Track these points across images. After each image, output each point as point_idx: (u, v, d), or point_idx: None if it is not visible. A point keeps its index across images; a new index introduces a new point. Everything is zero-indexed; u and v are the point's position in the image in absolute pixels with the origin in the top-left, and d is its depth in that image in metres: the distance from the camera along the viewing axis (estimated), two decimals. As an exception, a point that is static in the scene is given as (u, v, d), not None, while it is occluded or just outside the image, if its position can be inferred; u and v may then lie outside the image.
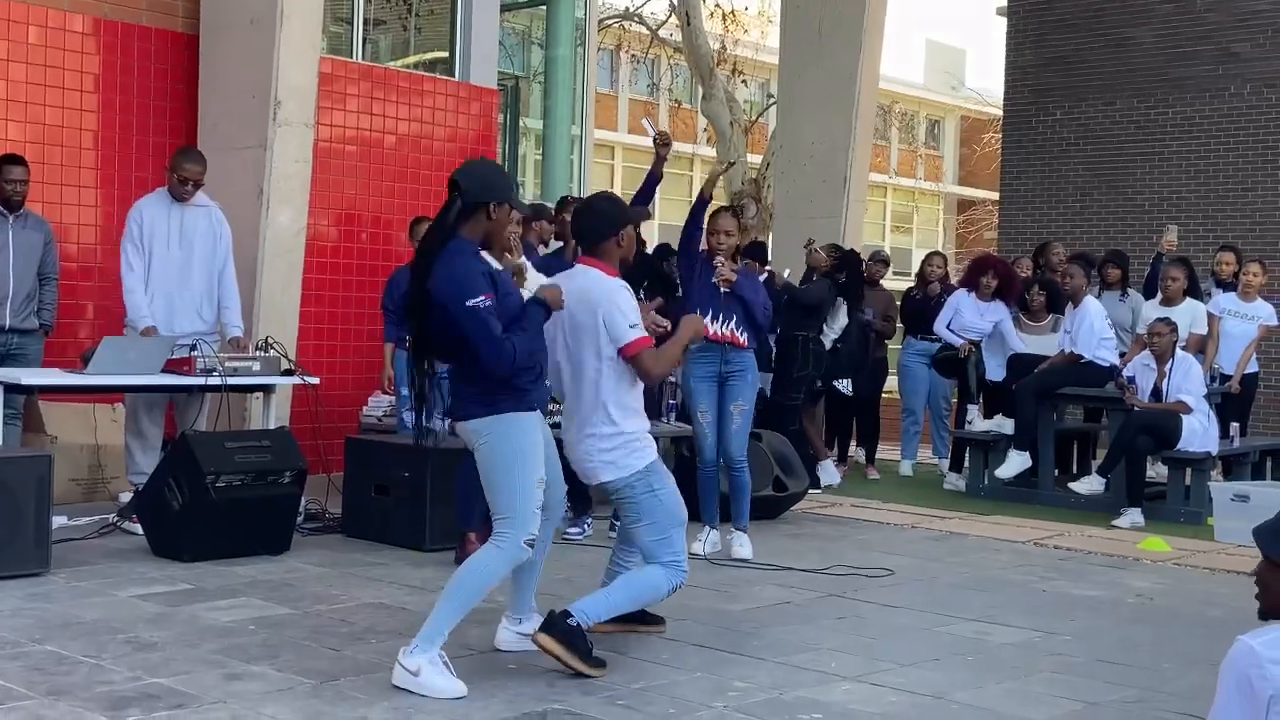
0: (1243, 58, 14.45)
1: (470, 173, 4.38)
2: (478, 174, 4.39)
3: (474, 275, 4.22)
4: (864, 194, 12.08)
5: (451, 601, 4.27)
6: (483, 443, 4.32)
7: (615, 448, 4.60)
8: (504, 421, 4.29)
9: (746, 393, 6.79)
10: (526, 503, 4.31)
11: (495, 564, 4.31)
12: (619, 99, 35.87)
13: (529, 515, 4.31)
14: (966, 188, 42.57)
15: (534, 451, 4.34)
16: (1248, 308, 9.63)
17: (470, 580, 4.29)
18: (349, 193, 9.15)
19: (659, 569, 4.61)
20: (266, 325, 7.65)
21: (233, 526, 6.16)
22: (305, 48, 8.08)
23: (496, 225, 4.39)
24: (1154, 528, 8.11)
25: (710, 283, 6.76)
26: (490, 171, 4.47)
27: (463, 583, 4.28)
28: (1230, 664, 2.66)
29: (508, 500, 4.31)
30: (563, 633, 4.41)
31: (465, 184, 4.31)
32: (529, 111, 12.99)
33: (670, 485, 4.68)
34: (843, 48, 11.58)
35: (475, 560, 4.34)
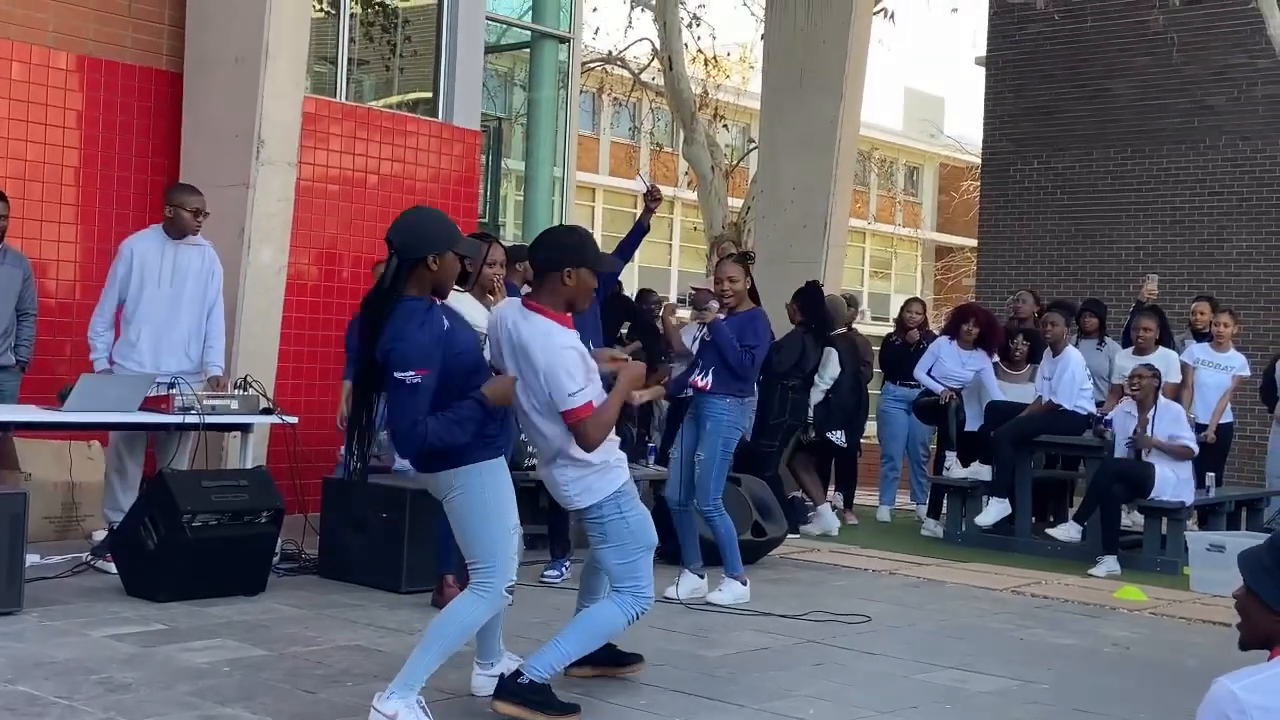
0: (1218, 110, 14.63)
1: (403, 228, 4.22)
2: (411, 228, 4.22)
3: (417, 345, 4.07)
4: (844, 239, 12.14)
5: (430, 648, 4.22)
6: (455, 494, 4.26)
7: (585, 475, 4.54)
8: (474, 472, 4.24)
9: (708, 442, 6.71)
10: (505, 549, 4.27)
11: (476, 612, 4.28)
12: (600, 141, 36.03)
13: (507, 562, 4.28)
14: (945, 234, 42.85)
15: (507, 498, 4.31)
16: (1221, 358, 9.70)
17: (450, 628, 4.25)
18: (330, 232, 9.16)
19: (612, 603, 4.55)
20: (246, 364, 7.62)
21: (208, 566, 6.11)
22: (289, 86, 8.10)
23: (442, 275, 4.22)
24: (1130, 577, 8.13)
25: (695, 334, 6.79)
26: (424, 222, 4.26)
27: (443, 630, 4.24)
28: (1209, 705, 2.66)
29: (487, 548, 4.26)
30: (515, 693, 4.36)
31: (399, 240, 4.17)
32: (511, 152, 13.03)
33: (640, 510, 4.63)
34: (824, 94, 11.68)
35: (455, 607, 4.30)
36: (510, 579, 4.29)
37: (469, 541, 4.30)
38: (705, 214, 19.67)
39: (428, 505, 6.46)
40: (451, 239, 4.25)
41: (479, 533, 4.26)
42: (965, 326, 9.71)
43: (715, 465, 6.75)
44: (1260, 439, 11.66)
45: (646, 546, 4.60)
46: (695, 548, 6.87)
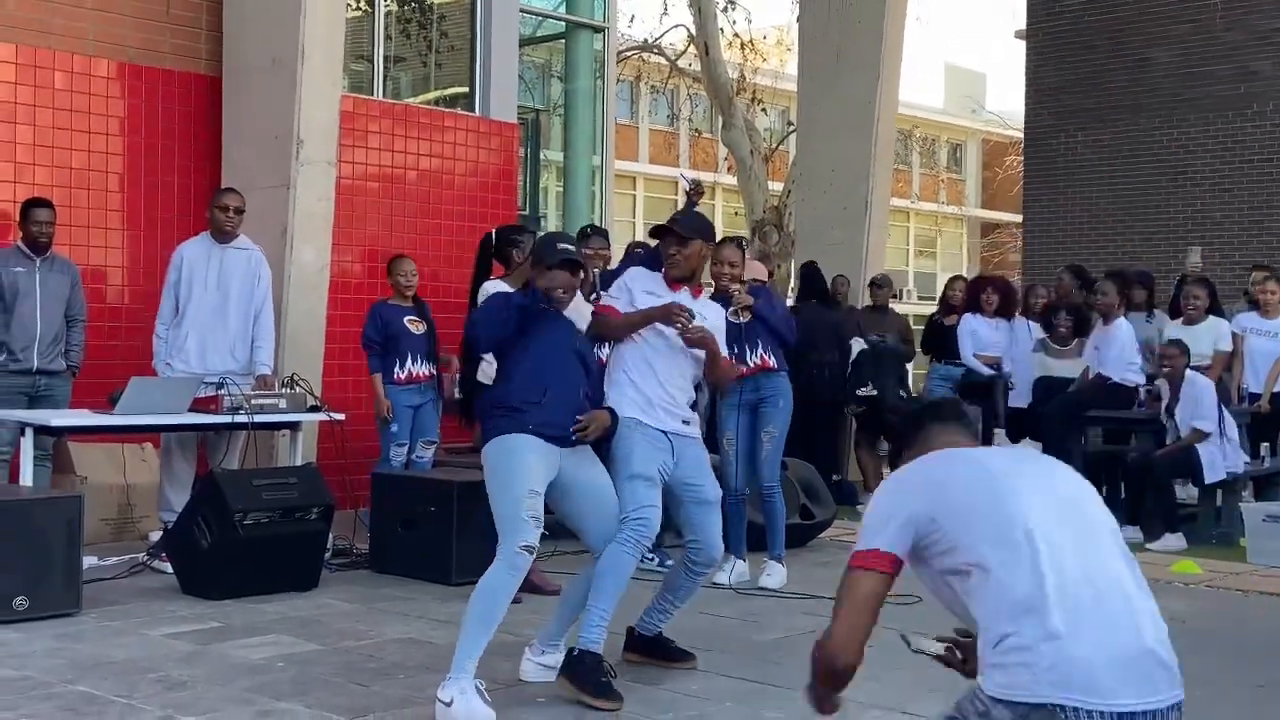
0: (1263, 76, 14.41)
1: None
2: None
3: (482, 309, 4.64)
4: (885, 219, 12.08)
5: (471, 627, 4.33)
6: (486, 465, 4.54)
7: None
8: (497, 444, 4.49)
9: (779, 419, 6.78)
10: (515, 512, 4.38)
11: (498, 574, 4.38)
12: (639, 129, 36.00)
13: (518, 523, 4.37)
14: (990, 211, 42.52)
15: (520, 467, 4.44)
16: (1270, 324, 9.57)
17: (482, 602, 4.35)
18: (371, 230, 9.21)
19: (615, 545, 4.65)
20: (292, 362, 7.69)
21: (261, 563, 6.17)
22: (326, 86, 8.15)
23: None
24: (1185, 550, 8.05)
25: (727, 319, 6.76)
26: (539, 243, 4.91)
27: (476, 606, 4.35)
28: None
29: (499, 512, 4.44)
30: (566, 667, 4.55)
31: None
32: (550, 144, 13.05)
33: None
34: (861, 74, 11.61)
35: (482, 581, 4.40)
36: (523, 539, 4.37)
37: (493, 510, 4.49)
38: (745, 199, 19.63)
39: (476, 497, 6.51)
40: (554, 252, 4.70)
41: (494, 500, 4.48)
42: (984, 296, 9.90)
43: (783, 442, 6.81)
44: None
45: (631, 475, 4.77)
46: (743, 536, 6.90)
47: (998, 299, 9.86)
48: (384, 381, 7.64)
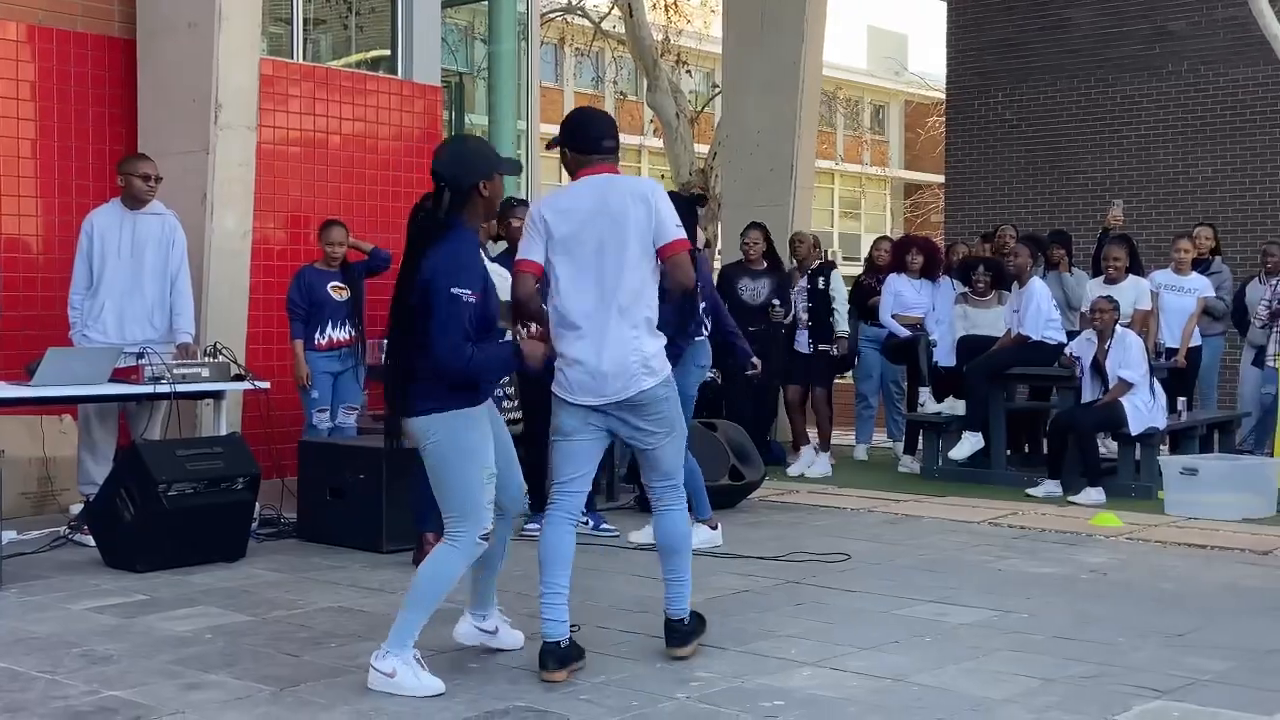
0: (1179, 36, 14.62)
1: (448, 159, 4.28)
2: (457, 158, 4.29)
3: (473, 267, 4.17)
4: (811, 181, 12.11)
5: (415, 605, 4.26)
6: (431, 441, 4.26)
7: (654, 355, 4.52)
8: (453, 419, 4.23)
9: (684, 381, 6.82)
10: (479, 498, 4.27)
11: (453, 562, 4.29)
12: (564, 93, 35.78)
13: (482, 510, 4.27)
14: (913, 172, 42.83)
15: (483, 446, 4.29)
16: (1183, 281, 9.76)
17: (430, 582, 4.28)
18: (294, 194, 9.08)
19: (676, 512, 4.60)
20: (215, 331, 7.58)
21: (186, 535, 6.10)
22: (245, 49, 8.00)
23: (493, 199, 4.31)
24: (1105, 503, 8.20)
25: None
26: (466, 151, 4.38)
27: (422, 585, 4.27)
28: None
29: (461, 498, 4.26)
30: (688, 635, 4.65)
31: (446, 172, 4.24)
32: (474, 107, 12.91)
33: None
34: (785, 35, 11.61)
35: (433, 561, 4.32)
36: (485, 527, 4.29)
37: (443, 490, 4.29)
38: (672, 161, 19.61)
39: (405, 465, 6.48)
40: (496, 162, 4.32)
41: (453, 482, 4.26)
42: (908, 257, 9.97)
43: (690, 404, 6.87)
44: (1232, 362, 11.73)
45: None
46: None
47: (922, 259, 9.95)
48: (305, 348, 7.58)
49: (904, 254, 10.05)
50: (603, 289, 4.43)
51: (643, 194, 4.49)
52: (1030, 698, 4.20)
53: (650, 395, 4.49)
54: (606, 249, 4.43)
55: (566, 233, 4.45)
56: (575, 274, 4.45)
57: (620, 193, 4.47)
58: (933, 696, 4.22)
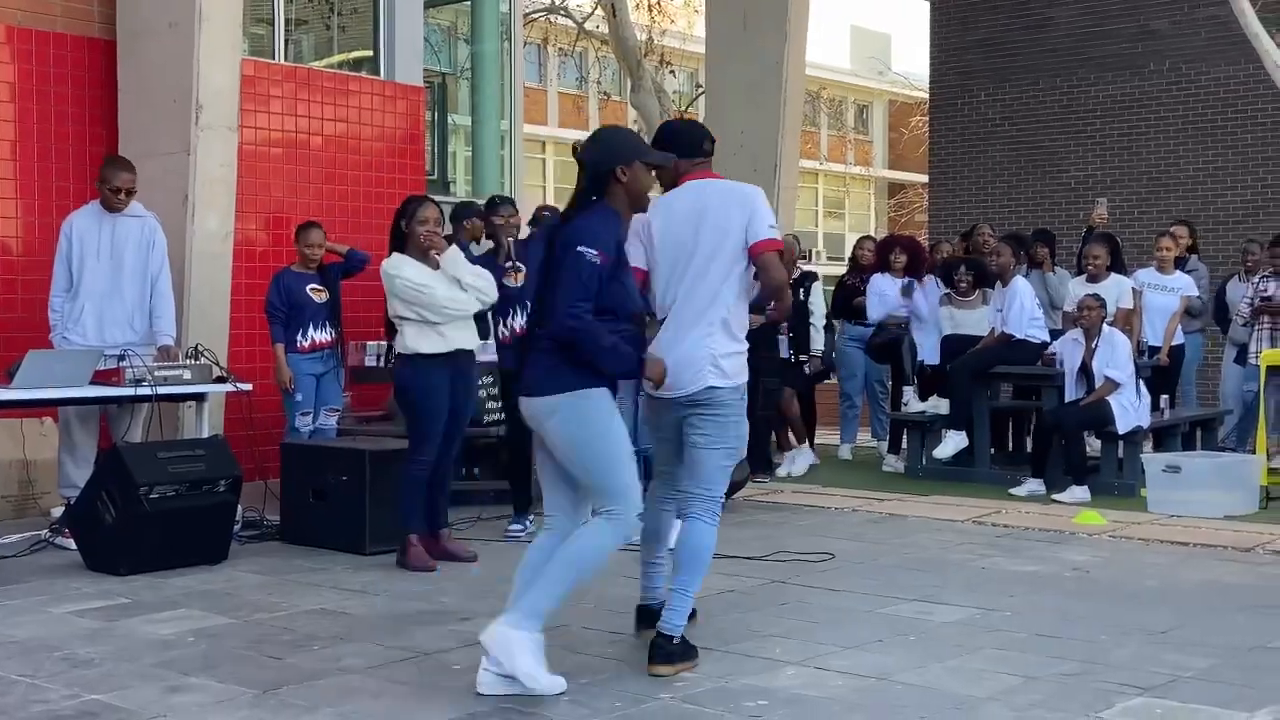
0: (1161, 34, 14.67)
1: (589, 144, 4.35)
2: (596, 142, 4.36)
3: (604, 234, 4.17)
4: (795, 181, 12.12)
5: (560, 579, 4.13)
6: (556, 421, 4.17)
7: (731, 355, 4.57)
8: (578, 399, 4.16)
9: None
10: (624, 478, 4.19)
11: (611, 540, 4.19)
12: (548, 93, 35.76)
13: (632, 489, 4.19)
14: (896, 171, 42.90)
15: (616, 426, 4.22)
16: (1166, 280, 9.79)
17: (583, 557, 4.16)
18: (276, 195, 9.05)
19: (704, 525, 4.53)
20: (197, 333, 7.54)
21: (168, 538, 6.07)
22: (226, 50, 7.97)
23: (633, 185, 4.30)
24: (1089, 501, 8.21)
25: None
26: (608, 138, 4.40)
27: (574, 559, 4.15)
28: None
29: (603, 478, 4.18)
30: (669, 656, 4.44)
31: (586, 156, 4.31)
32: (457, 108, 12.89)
33: None
34: (769, 35, 11.60)
35: (585, 537, 4.18)
36: (639, 506, 4.23)
37: (590, 470, 4.20)
38: (656, 161, 19.58)
39: (388, 466, 6.48)
40: (639, 150, 4.34)
41: (589, 463, 4.18)
42: (892, 256, 9.95)
43: None
44: (1214, 360, 11.78)
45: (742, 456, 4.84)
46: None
47: (906, 259, 9.95)
48: (286, 350, 7.56)
49: (888, 253, 10.06)
50: (686, 287, 4.55)
51: (742, 196, 4.61)
52: (1013, 696, 4.20)
53: (714, 395, 4.53)
54: (697, 249, 4.54)
55: (662, 233, 4.59)
56: (664, 272, 4.59)
57: (720, 195, 4.62)
58: (916, 695, 4.22)
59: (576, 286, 4.12)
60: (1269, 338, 9.57)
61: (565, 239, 4.20)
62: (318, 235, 7.79)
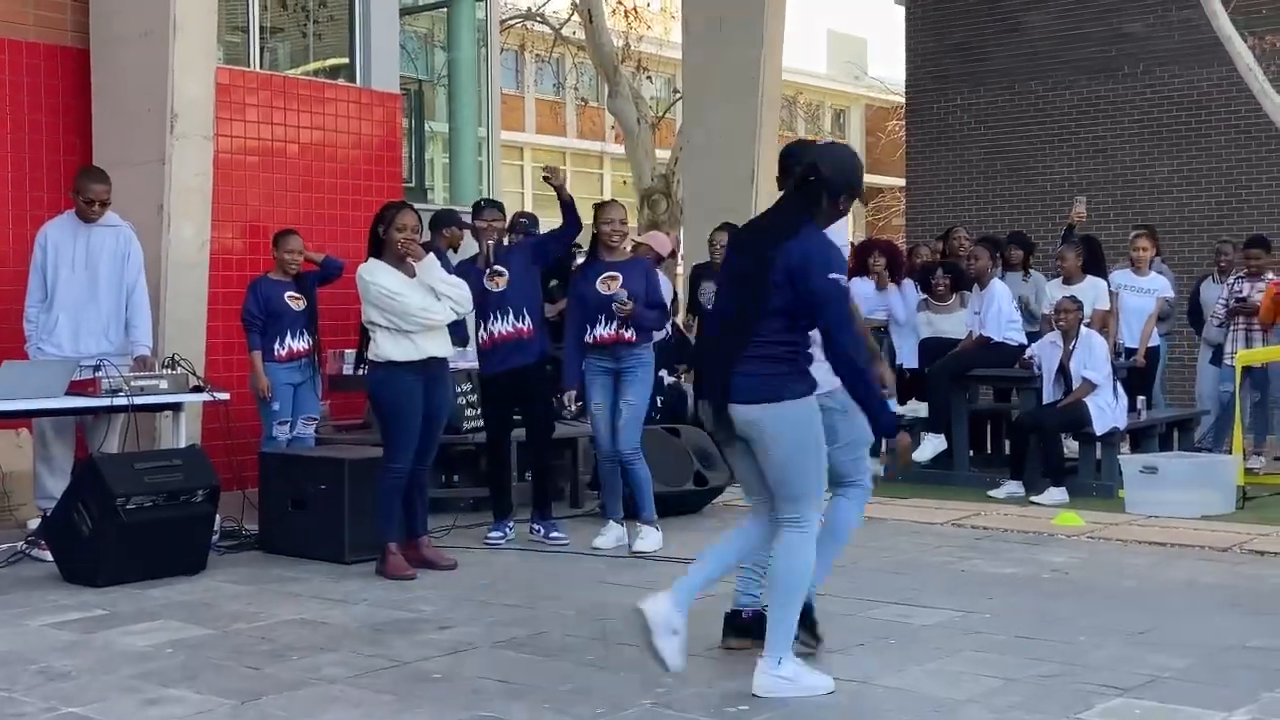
0: (1135, 37, 14.75)
1: (832, 161, 4.34)
2: (841, 163, 4.36)
3: (840, 255, 4.26)
4: (772, 186, 12.07)
5: (785, 606, 4.27)
6: (769, 429, 4.23)
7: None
8: (789, 409, 4.24)
9: (636, 388, 6.94)
10: (819, 485, 4.32)
11: (806, 548, 4.30)
12: (525, 99, 35.74)
13: (821, 495, 4.34)
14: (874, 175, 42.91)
15: (821, 436, 4.33)
16: (1142, 281, 9.84)
17: (790, 576, 4.27)
18: (252, 203, 9.02)
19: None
20: (173, 342, 7.50)
21: (146, 549, 6.04)
22: (200, 58, 7.94)
23: (839, 214, 4.39)
24: (1068, 503, 8.25)
25: (595, 285, 6.87)
26: (851, 160, 4.41)
27: (785, 580, 4.27)
28: None
29: (801, 486, 4.27)
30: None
31: (827, 171, 4.30)
32: (434, 115, 12.87)
33: None
34: (745, 40, 11.63)
35: (786, 554, 4.28)
36: (823, 506, 4.38)
37: (787, 478, 4.27)
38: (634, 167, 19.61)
39: (367, 475, 6.46)
40: (861, 183, 4.42)
41: (791, 473, 4.27)
42: (871, 260, 9.93)
43: (643, 410, 6.99)
44: (1190, 360, 11.83)
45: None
46: (618, 499, 7.06)
47: (884, 262, 9.96)
48: (264, 359, 7.53)
49: (866, 257, 10.07)
50: None
51: None
52: (993, 698, 4.21)
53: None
54: None
55: None
56: None
57: None
58: (896, 699, 4.23)
59: (846, 319, 4.23)
60: (1244, 338, 9.63)
61: (807, 259, 4.18)
62: (295, 243, 7.76)
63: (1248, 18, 12.20)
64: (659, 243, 10.04)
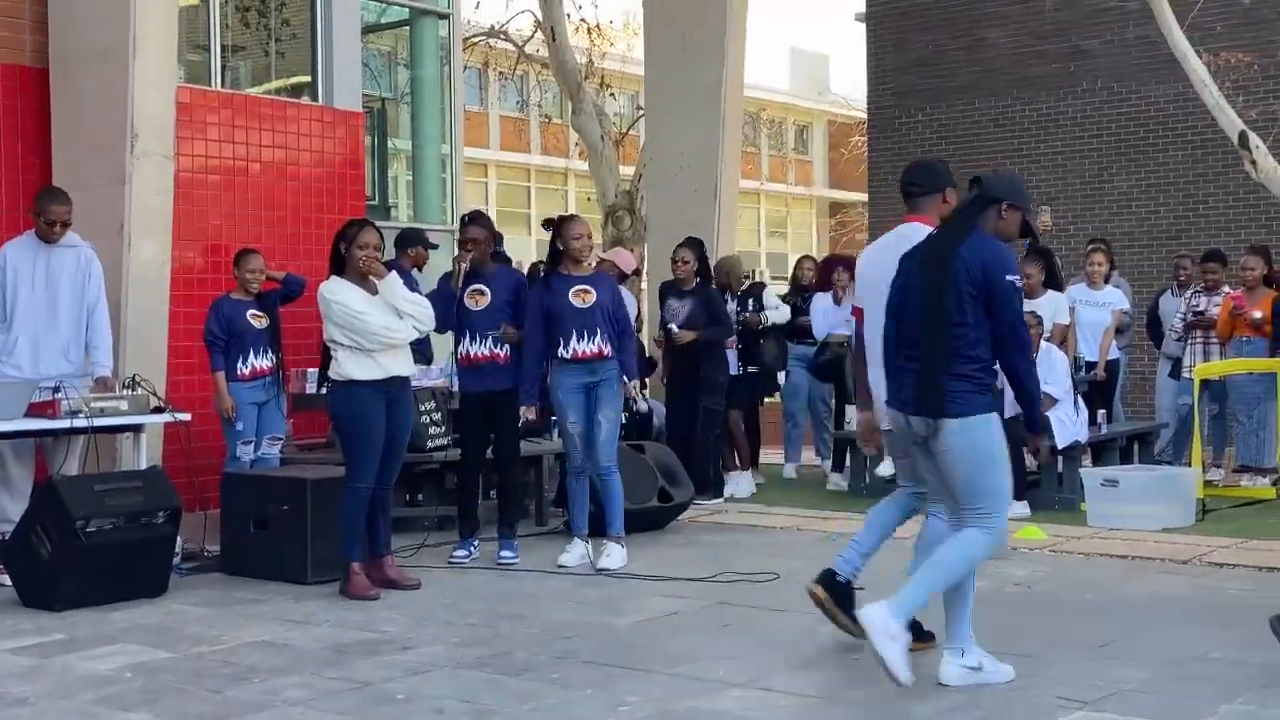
0: (1093, 54, 14.91)
1: (996, 178, 4.79)
2: (1007, 178, 4.93)
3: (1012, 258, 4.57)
4: (735, 201, 12.18)
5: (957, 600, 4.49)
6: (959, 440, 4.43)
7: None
8: (980, 424, 4.45)
9: (614, 401, 6.94)
10: (1006, 495, 4.56)
11: (980, 545, 4.48)
12: (490, 116, 35.73)
13: (1007, 505, 4.59)
14: (837, 190, 43.20)
15: (1004, 447, 4.54)
16: (1098, 295, 9.93)
17: (954, 566, 4.45)
18: (214, 223, 8.98)
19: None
20: (134, 363, 7.45)
21: (106, 572, 5.98)
22: (161, 77, 7.90)
23: (1008, 226, 4.67)
24: (1030, 516, 8.29)
25: (569, 299, 6.84)
26: (1013, 178, 4.95)
27: (946, 567, 4.45)
28: None
29: (990, 495, 4.47)
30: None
31: (992, 181, 4.71)
32: (398, 132, 12.85)
33: None
34: (707, 57, 11.67)
35: (962, 544, 4.47)
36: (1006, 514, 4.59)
37: (975, 485, 4.49)
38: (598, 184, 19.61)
39: (330, 495, 6.42)
40: (1026, 200, 4.75)
41: (980, 483, 4.47)
42: (834, 276, 9.97)
43: (618, 424, 7.03)
44: (1150, 374, 11.94)
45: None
46: (585, 516, 7.03)
47: (848, 277, 9.98)
48: (227, 379, 7.48)
49: (830, 273, 10.11)
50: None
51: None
52: (956, 713, 4.23)
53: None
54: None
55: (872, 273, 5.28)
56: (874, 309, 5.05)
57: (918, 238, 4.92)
58: (861, 713, 4.24)
59: (1021, 318, 4.57)
60: (1202, 352, 9.72)
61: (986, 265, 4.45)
62: (256, 262, 7.73)
63: (1202, 34, 12.32)
64: (623, 260, 10.04)
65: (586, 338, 6.87)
